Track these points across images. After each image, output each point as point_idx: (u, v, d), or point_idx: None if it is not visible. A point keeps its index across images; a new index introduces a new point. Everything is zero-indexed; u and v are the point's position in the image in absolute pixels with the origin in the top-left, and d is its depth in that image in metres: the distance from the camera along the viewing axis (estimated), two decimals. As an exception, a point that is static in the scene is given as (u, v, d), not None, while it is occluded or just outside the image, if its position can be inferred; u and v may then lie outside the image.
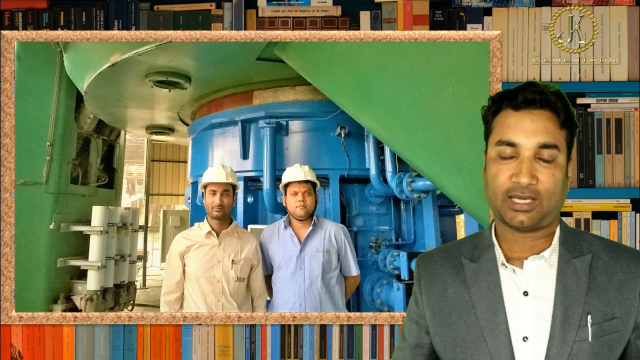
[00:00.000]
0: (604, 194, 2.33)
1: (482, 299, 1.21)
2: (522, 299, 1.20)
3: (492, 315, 1.20)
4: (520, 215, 1.16)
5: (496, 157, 1.18)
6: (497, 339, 1.19)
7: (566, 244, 1.22)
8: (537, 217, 1.16)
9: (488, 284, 1.22)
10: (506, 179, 1.16)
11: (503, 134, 1.17)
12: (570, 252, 1.21)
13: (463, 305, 1.23)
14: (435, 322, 1.28)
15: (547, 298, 1.19)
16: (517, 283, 1.21)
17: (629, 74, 2.37)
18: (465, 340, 1.22)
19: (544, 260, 1.21)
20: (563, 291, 1.18)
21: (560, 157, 1.16)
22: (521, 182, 1.14)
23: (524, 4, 2.38)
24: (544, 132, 1.15)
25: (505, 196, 1.16)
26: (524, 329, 1.18)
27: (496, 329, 1.19)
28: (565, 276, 1.19)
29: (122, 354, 2.32)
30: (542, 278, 1.20)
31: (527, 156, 1.15)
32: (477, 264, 1.25)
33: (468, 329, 1.22)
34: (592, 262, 1.20)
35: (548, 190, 1.15)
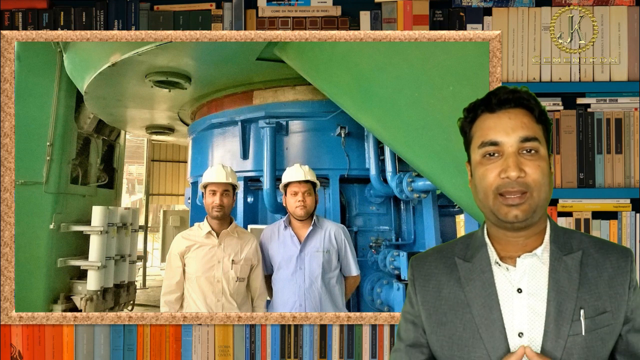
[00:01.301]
0: (604, 194, 2.33)
1: (477, 297, 1.24)
2: (516, 296, 1.23)
3: (487, 312, 1.22)
4: (514, 210, 1.19)
5: (481, 159, 1.23)
6: (492, 335, 1.21)
7: (557, 242, 1.26)
8: (529, 210, 1.20)
9: (482, 282, 1.25)
10: (495, 177, 1.20)
11: (484, 136, 1.22)
12: (561, 249, 1.25)
13: (458, 304, 1.26)
14: (431, 321, 1.29)
15: (540, 294, 1.22)
16: (510, 281, 1.24)
17: (629, 74, 2.37)
18: (462, 338, 1.24)
19: (537, 257, 1.24)
20: (556, 287, 1.22)
21: (542, 149, 1.21)
22: (510, 176, 1.17)
23: (524, 4, 2.38)
24: (523, 127, 1.20)
25: (496, 194, 1.20)
26: (519, 325, 1.21)
27: (492, 326, 1.22)
28: (557, 273, 1.23)
29: (122, 354, 2.32)
30: (535, 275, 1.24)
31: (511, 152, 1.19)
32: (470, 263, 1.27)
33: (464, 327, 1.24)
34: (582, 258, 1.25)
35: (536, 181, 1.19)
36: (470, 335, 1.23)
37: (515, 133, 1.19)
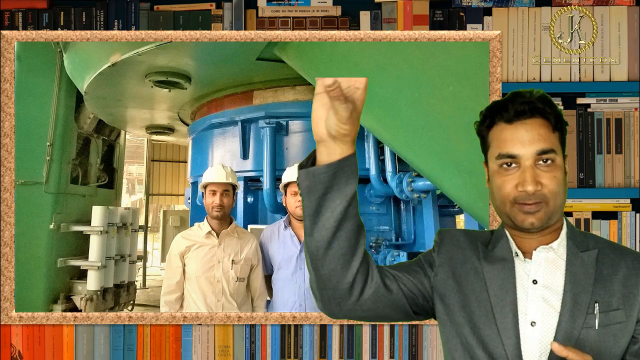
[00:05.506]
0: (604, 194, 2.33)
1: (495, 278, 1.27)
2: (531, 287, 1.26)
3: (503, 294, 1.26)
4: (530, 218, 1.23)
5: (498, 169, 1.26)
6: (506, 316, 1.24)
7: (573, 239, 1.30)
8: (545, 217, 1.24)
9: (502, 266, 1.28)
10: (512, 188, 1.24)
11: (501, 147, 1.25)
12: (578, 246, 1.29)
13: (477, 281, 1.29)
14: (447, 285, 1.30)
15: (555, 287, 1.25)
16: (527, 272, 1.27)
17: (629, 74, 2.37)
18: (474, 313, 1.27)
19: (553, 251, 1.28)
20: (572, 280, 1.25)
21: (558, 158, 1.24)
22: (527, 190, 1.21)
23: (524, 4, 2.38)
24: (539, 139, 1.23)
25: (513, 203, 1.24)
26: (532, 315, 1.24)
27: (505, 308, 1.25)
28: (574, 267, 1.26)
29: (122, 354, 2.32)
30: (550, 268, 1.27)
31: (528, 165, 1.22)
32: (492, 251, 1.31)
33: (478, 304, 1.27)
34: (598, 256, 1.28)
35: (553, 192, 1.23)
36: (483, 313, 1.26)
37: (532, 146, 1.22)
